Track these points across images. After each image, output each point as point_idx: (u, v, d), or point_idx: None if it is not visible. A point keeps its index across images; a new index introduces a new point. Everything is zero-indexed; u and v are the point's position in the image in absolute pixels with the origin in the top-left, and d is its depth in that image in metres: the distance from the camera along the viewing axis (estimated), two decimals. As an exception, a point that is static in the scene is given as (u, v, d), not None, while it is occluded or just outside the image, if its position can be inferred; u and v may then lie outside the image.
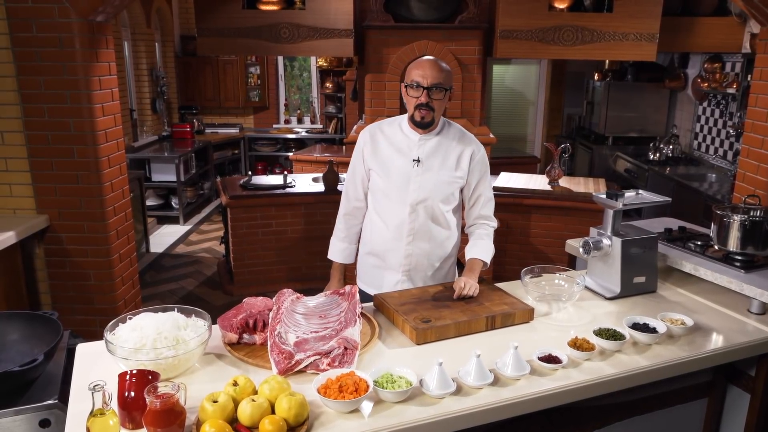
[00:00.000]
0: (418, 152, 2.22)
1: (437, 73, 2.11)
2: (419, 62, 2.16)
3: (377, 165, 2.28)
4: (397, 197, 2.25)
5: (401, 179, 2.23)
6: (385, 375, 1.55)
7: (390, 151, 2.26)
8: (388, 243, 2.30)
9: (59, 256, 3.33)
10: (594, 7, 4.39)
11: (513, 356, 1.61)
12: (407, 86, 2.16)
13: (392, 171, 2.24)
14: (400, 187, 2.23)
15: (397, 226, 2.26)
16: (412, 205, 2.23)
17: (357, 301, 1.89)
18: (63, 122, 3.15)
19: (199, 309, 1.75)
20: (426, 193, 2.23)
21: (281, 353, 1.62)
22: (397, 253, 2.29)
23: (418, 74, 2.11)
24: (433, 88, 2.10)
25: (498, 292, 2.09)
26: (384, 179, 2.26)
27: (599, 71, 7.06)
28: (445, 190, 2.25)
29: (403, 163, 2.23)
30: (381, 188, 2.28)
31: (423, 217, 2.25)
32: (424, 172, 2.22)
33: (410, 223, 2.25)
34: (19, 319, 2.02)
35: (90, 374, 1.63)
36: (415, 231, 2.26)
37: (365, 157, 2.31)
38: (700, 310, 2.13)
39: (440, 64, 2.14)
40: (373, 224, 2.35)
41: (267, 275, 4.91)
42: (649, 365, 1.73)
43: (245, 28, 4.30)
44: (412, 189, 2.22)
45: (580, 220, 4.78)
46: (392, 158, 2.25)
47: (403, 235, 2.26)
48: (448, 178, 2.25)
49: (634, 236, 2.15)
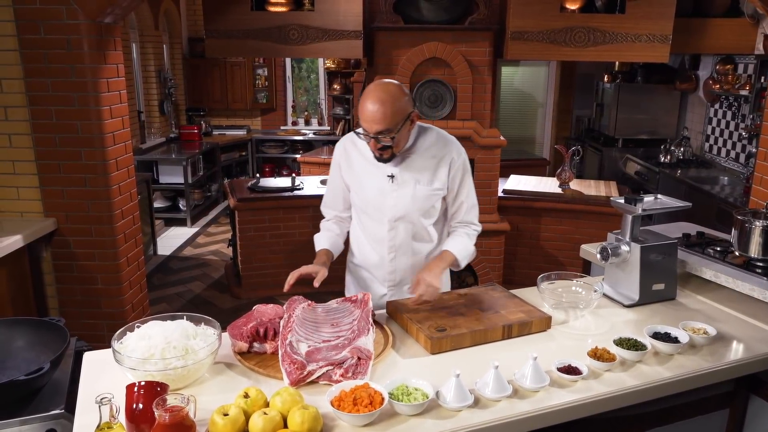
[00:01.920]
0: (391, 168, 2.08)
1: (380, 121, 1.90)
2: (363, 105, 1.94)
3: (352, 181, 2.17)
4: (374, 214, 2.14)
5: (377, 196, 2.11)
6: (400, 387, 1.50)
7: (363, 166, 2.13)
8: (372, 257, 2.21)
9: (66, 259, 3.30)
10: (606, 8, 4.33)
11: (532, 367, 1.56)
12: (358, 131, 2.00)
13: (367, 187, 2.12)
14: (376, 204, 2.12)
15: (378, 243, 2.17)
16: (391, 221, 2.12)
17: (370, 309, 1.84)
18: (70, 125, 3.12)
19: (208, 317, 1.71)
20: (404, 210, 2.10)
21: (293, 363, 1.57)
22: (381, 269, 2.21)
23: (363, 119, 1.94)
24: (379, 136, 1.94)
25: (514, 299, 2.03)
26: (360, 196, 2.16)
27: (609, 73, 6.99)
28: (424, 205, 2.11)
29: (377, 178, 2.10)
30: (358, 205, 2.19)
31: (403, 233, 2.14)
32: (400, 188, 2.08)
33: (390, 240, 2.14)
34: (25, 325, 1.98)
35: (97, 384, 1.59)
36: (397, 247, 2.15)
37: (342, 171, 2.19)
38: (721, 318, 2.07)
39: (384, 108, 1.89)
40: (357, 239, 2.26)
41: (275, 278, 4.87)
42: (672, 376, 1.68)
43: (254, 30, 4.27)
44: (389, 206, 2.10)
45: (591, 223, 4.72)
46: (366, 174, 2.12)
47: (384, 252, 2.17)
48: (426, 192, 2.10)
49: (654, 242, 2.09)
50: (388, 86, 1.95)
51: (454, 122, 4.39)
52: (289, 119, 8.85)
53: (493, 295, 2.06)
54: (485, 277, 4.73)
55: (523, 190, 4.87)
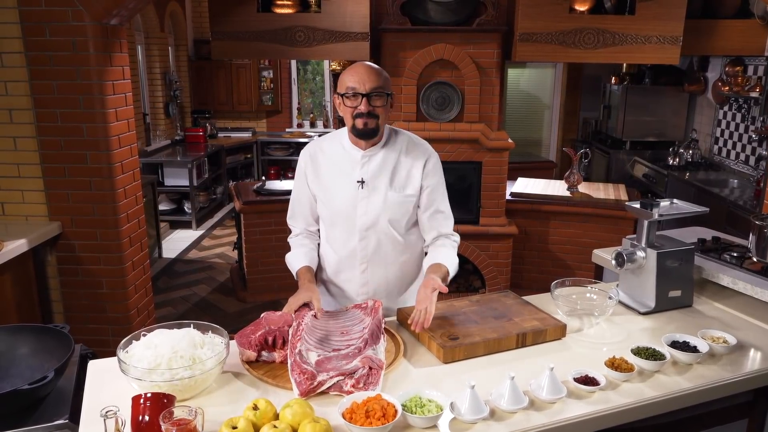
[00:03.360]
0: (361, 172, 1.98)
1: (375, 77, 1.86)
2: (352, 68, 1.89)
3: (320, 190, 2.04)
4: (344, 223, 2.02)
5: (346, 204, 1.99)
6: (413, 398, 1.46)
7: (332, 173, 2.02)
8: (342, 273, 2.09)
9: (71, 263, 3.27)
10: (615, 9, 4.29)
11: (549, 378, 1.52)
12: (342, 95, 1.89)
13: (335, 195, 2.01)
14: (345, 213, 2.00)
15: (349, 255, 2.05)
16: (361, 231, 2.01)
17: (381, 317, 1.80)
18: (76, 127, 3.09)
19: (216, 325, 1.67)
20: (374, 218, 1.99)
21: (303, 373, 1.53)
22: (353, 283, 2.09)
23: (354, 80, 1.86)
24: (372, 94, 1.85)
25: (528, 306, 1.99)
26: (328, 206, 2.04)
27: (616, 75, 6.94)
28: (396, 212, 2.00)
29: (347, 185, 1.99)
30: (326, 216, 2.06)
31: (375, 242, 2.02)
32: (371, 194, 1.98)
33: (362, 250, 2.03)
34: (30, 332, 1.95)
35: (102, 394, 1.55)
36: (369, 258, 2.04)
37: (309, 181, 2.06)
38: (739, 326, 2.02)
39: (377, 68, 1.90)
40: (325, 253, 2.14)
41: (281, 282, 4.83)
42: (692, 387, 1.63)
43: (260, 32, 4.24)
44: (359, 214, 1.99)
45: (600, 227, 4.67)
46: (334, 181, 2.01)
47: (356, 264, 2.05)
48: (398, 198, 1.99)
49: (670, 248, 2.05)
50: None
51: (462, 125, 4.35)
52: (295, 121, 8.82)
53: (506, 302, 2.02)
54: (493, 280, 4.69)
55: (530, 193, 4.82)
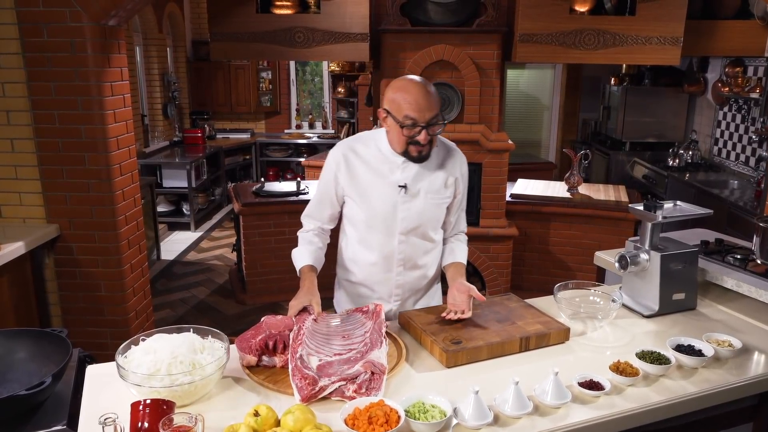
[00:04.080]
0: (402, 176, 1.96)
1: (434, 105, 1.82)
2: (410, 92, 1.82)
3: (355, 193, 2.00)
4: (383, 227, 1.99)
5: (386, 208, 1.97)
6: (416, 404, 1.44)
7: (369, 177, 1.98)
8: (376, 275, 2.07)
9: (70, 266, 3.25)
10: (616, 10, 4.27)
11: (553, 383, 1.50)
12: (401, 125, 1.84)
13: (374, 199, 1.98)
14: (385, 216, 1.98)
15: (386, 258, 2.03)
16: (401, 234, 2.00)
17: (382, 321, 1.78)
18: (74, 129, 3.07)
19: (216, 330, 1.65)
20: (417, 221, 1.99)
21: (304, 378, 1.51)
22: (387, 285, 2.07)
23: (413, 110, 1.80)
24: (431, 123, 1.83)
25: (531, 309, 1.97)
26: (365, 209, 2.00)
27: (616, 75, 6.93)
28: (436, 213, 2.03)
29: (387, 189, 1.96)
30: (362, 218, 2.01)
31: (413, 244, 2.03)
32: (412, 199, 1.97)
33: (400, 253, 2.02)
34: (27, 336, 1.92)
35: (100, 399, 1.53)
36: (406, 260, 2.04)
37: (341, 183, 2.01)
38: (744, 329, 2.00)
39: (433, 92, 1.84)
40: (356, 256, 2.09)
41: (280, 284, 4.81)
42: (698, 391, 1.61)
43: (259, 33, 4.22)
44: (401, 218, 1.98)
45: (600, 228, 4.66)
46: (373, 185, 1.97)
47: (392, 266, 2.04)
48: (438, 201, 2.01)
49: (674, 250, 2.03)
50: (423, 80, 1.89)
51: (462, 126, 4.33)
52: (293, 122, 8.80)
53: (508, 305, 2.00)
54: (493, 282, 4.67)
55: (531, 194, 4.81)
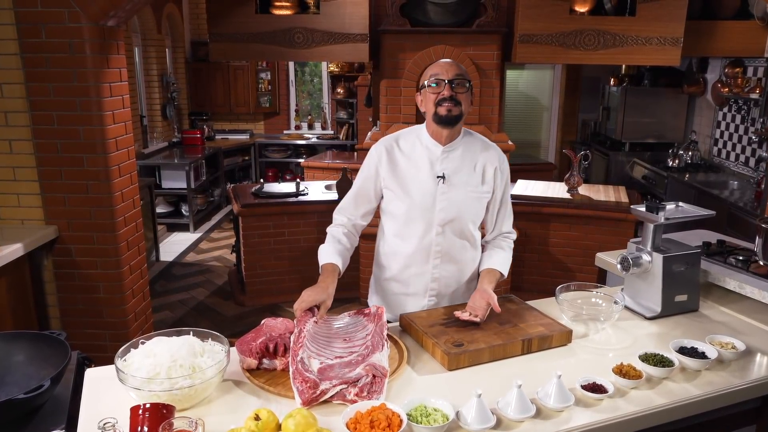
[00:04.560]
0: (441, 167, 2.02)
1: (457, 67, 1.98)
2: (436, 62, 2.04)
3: (396, 185, 2.05)
4: (421, 218, 2.04)
5: (425, 198, 2.02)
6: (418, 407, 1.43)
7: (410, 168, 2.04)
8: (413, 268, 2.09)
9: (68, 268, 3.23)
10: (616, 10, 4.26)
11: (556, 386, 1.49)
12: (425, 87, 1.99)
13: (414, 190, 2.03)
14: (424, 207, 2.03)
15: (424, 249, 2.06)
16: (440, 225, 2.04)
17: (384, 324, 1.76)
18: (72, 130, 3.05)
19: (216, 333, 1.64)
20: (454, 213, 2.03)
21: (305, 382, 1.50)
22: (423, 278, 2.10)
23: (436, 69, 1.98)
24: (455, 80, 1.94)
25: (533, 311, 1.96)
26: (405, 200, 2.04)
27: (615, 76, 6.92)
28: (474, 207, 2.07)
29: (426, 180, 2.03)
30: (401, 211, 2.06)
31: (451, 237, 2.06)
32: (450, 189, 2.03)
33: (437, 245, 2.06)
34: (25, 339, 1.90)
35: (99, 404, 1.52)
36: (443, 253, 2.07)
37: (381, 176, 2.07)
38: (746, 330, 1.99)
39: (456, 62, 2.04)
40: (393, 249, 2.12)
41: (280, 285, 4.80)
42: (702, 394, 1.60)
43: (258, 33, 4.21)
44: (439, 208, 2.02)
45: (601, 229, 4.65)
46: (414, 176, 2.04)
47: (429, 258, 2.07)
48: (477, 194, 2.06)
49: (676, 252, 2.02)
50: None
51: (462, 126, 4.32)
52: (293, 123, 8.79)
53: (510, 308, 1.98)
54: (493, 283, 4.65)
55: (531, 195, 4.79)
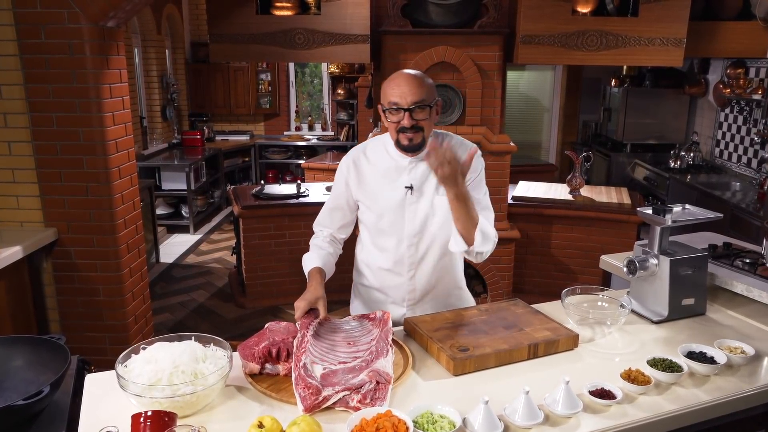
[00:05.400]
0: (409, 177, 1.96)
1: (417, 89, 1.81)
2: (394, 79, 1.86)
3: (365, 196, 2.01)
4: (392, 230, 1.99)
5: (393, 210, 1.97)
6: (424, 414, 1.40)
7: (377, 180, 1.99)
8: (389, 278, 2.06)
9: (68, 270, 3.20)
10: (618, 11, 4.24)
11: (564, 392, 1.46)
12: (385, 110, 1.87)
13: (382, 202, 1.98)
14: (393, 219, 1.98)
15: (397, 262, 2.02)
16: (410, 237, 1.98)
17: (389, 329, 1.74)
18: (72, 132, 3.03)
19: (218, 338, 1.62)
20: (423, 223, 1.97)
21: (307, 388, 1.47)
22: (400, 289, 2.06)
23: (395, 94, 1.83)
24: (414, 107, 1.82)
25: (538, 315, 1.93)
26: (374, 212, 2.00)
27: (616, 77, 6.90)
28: (444, 216, 1.96)
29: (394, 191, 1.97)
30: (373, 222, 2.02)
31: (424, 248, 2.00)
32: (419, 200, 1.96)
33: (410, 257, 2.00)
34: (24, 343, 1.87)
35: (100, 410, 1.49)
36: (417, 264, 2.02)
37: (351, 188, 2.03)
38: (754, 334, 1.97)
39: (419, 77, 1.86)
40: (369, 259, 2.10)
41: (280, 287, 4.78)
42: (711, 400, 1.57)
43: (259, 34, 4.19)
44: (408, 220, 1.97)
45: (603, 230, 4.63)
46: (381, 187, 1.99)
47: (404, 271, 2.03)
48: (446, 202, 1.91)
49: (684, 255, 1.99)
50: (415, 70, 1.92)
51: (464, 128, 4.30)
52: (293, 124, 8.77)
53: (515, 311, 1.96)
54: (495, 285, 4.63)
55: (532, 196, 4.77)
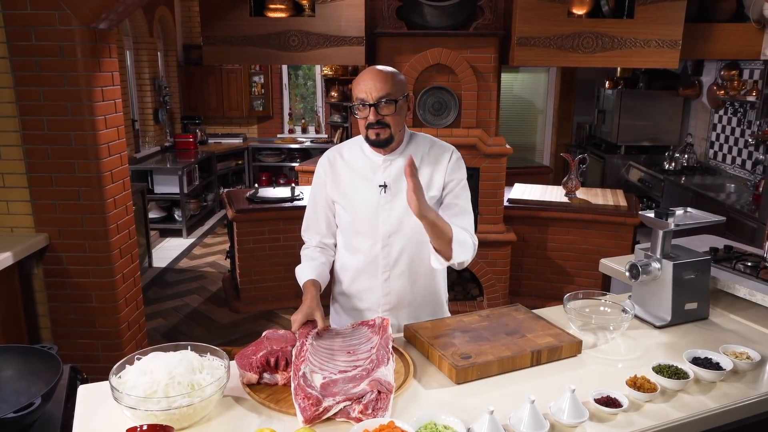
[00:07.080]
0: (383, 176, 1.94)
1: (382, 84, 1.80)
2: (361, 75, 1.85)
3: (340, 196, 1.99)
4: (366, 231, 1.96)
5: (368, 210, 1.94)
6: (428, 425, 1.37)
7: (352, 179, 1.97)
8: (363, 282, 2.02)
9: (59, 276, 3.15)
10: (614, 13, 4.24)
11: (570, 400, 1.43)
12: (352, 106, 1.87)
13: (357, 202, 1.96)
14: (367, 219, 1.95)
15: (371, 263, 1.98)
16: (384, 237, 1.95)
17: (389, 336, 1.70)
18: (63, 135, 2.98)
19: (215, 347, 1.57)
20: (397, 223, 1.94)
21: (307, 398, 1.44)
22: (374, 293, 2.02)
23: (361, 90, 1.82)
24: (380, 102, 1.81)
25: (540, 321, 1.90)
26: (349, 212, 1.98)
27: (610, 79, 6.90)
28: None
29: (368, 191, 1.94)
30: (348, 222, 2.00)
31: (398, 249, 1.96)
32: (393, 199, 1.93)
33: (384, 258, 1.96)
34: (15, 353, 1.83)
35: (93, 423, 1.45)
36: (392, 266, 1.97)
37: (328, 188, 2.01)
38: (759, 339, 1.95)
39: (386, 72, 1.84)
40: (342, 262, 2.07)
41: (275, 291, 4.73)
42: (718, 407, 1.55)
43: (253, 36, 4.15)
44: (382, 220, 1.94)
45: (599, 233, 4.61)
46: (355, 187, 1.96)
47: (378, 273, 1.98)
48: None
49: (686, 259, 1.97)
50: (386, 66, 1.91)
51: (459, 130, 4.28)
52: (286, 127, 8.72)
53: (517, 317, 1.93)
54: (491, 288, 4.61)
55: (528, 199, 4.76)
